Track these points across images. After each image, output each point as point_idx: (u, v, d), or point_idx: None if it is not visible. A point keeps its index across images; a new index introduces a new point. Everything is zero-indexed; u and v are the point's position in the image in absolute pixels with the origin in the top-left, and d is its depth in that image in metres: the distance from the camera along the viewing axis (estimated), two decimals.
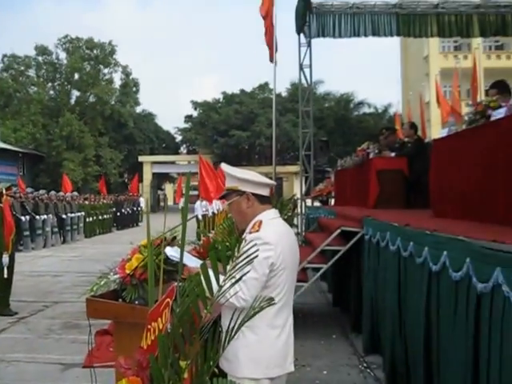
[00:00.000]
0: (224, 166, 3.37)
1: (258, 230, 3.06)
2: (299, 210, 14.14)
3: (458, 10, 14.04)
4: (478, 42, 35.60)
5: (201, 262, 3.51)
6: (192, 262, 3.34)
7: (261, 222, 3.11)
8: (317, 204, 15.94)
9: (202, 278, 2.14)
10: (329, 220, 9.71)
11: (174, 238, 3.63)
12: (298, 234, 12.80)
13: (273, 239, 3.02)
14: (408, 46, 51.15)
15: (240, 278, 2.28)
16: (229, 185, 3.30)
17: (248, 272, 2.44)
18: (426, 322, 4.34)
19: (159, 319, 2.35)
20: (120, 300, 3.38)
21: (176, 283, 2.45)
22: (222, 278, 2.29)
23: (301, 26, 13.91)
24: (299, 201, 14.56)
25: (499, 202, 4.75)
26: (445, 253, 3.82)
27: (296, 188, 27.23)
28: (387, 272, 5.71)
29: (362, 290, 7.12)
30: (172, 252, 3.32)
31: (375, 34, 14.15)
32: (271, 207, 3.30)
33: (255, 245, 2.88)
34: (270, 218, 3.19)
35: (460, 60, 36.36)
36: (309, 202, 15.56)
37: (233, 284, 2.24)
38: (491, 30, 14.18)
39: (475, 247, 3.33)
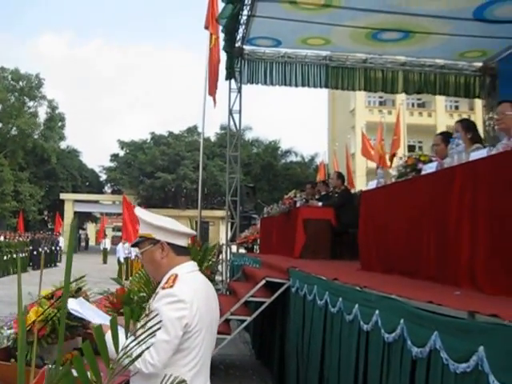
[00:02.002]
0: (138, 211, 3.03)
1: (171, 286, 2.74)
2: (224, 256, 13.89)
3: (384, 65, 14.41)
4: (402, 98, 36.76)
5: (109, 317, 3.17)
6: (98, 318, 3.00)
7: (176, 277, 2.79)
8: (242, 251, 15.70)
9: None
10: (254, 269, 9.48)
11: (79, 289, 3.29)
12: (222, 281, 12.52)
13: (188, 296, 2.70)
14: (336, 98, 52.52)
15: (140, 355, 1.94)
16: (142, 232, 2.96)
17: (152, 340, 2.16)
18: (354, 383, 4.13)
19: None
20: (12, 360, 2.99)
21: (47, 366, 2.09)
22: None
23: (230, 73, 13.93)
24: (224, 247, 14.31)
25: (430, 258, 4.65)
26: (377, 312, 3.65)
27: (222, 233, 26.97)
28: (314, 327, 5.51)
29: (287, 345, 6.88)
30: (74, 305, 2.97)
31: (304, 84, 14.31)
32: (189, 259, 2.99)
33: (167, 303, 2.61)
34: (187, 272, 2.87)
35: (385, 115, 37.45)
36: (234, 248, 15.33)
37: (132, 360, 1.88)
38: (414, 88, 14.60)
39: (410, 308, 3.16)
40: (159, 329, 2.05)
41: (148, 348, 2.25)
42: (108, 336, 1.82)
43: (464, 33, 11.64)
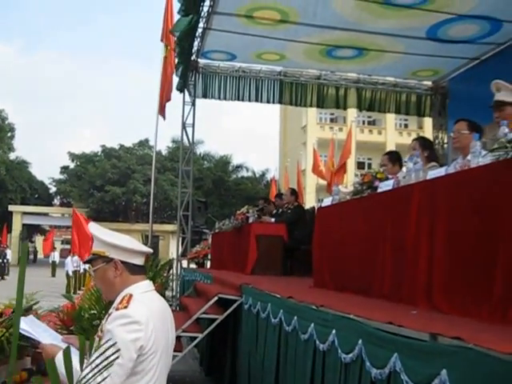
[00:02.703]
0: (92, 227, 2.90)
1: (126, 306, 2.62)
2: (175, 271, 13.71)
3: (338, 82, 14.52)
4: (353, 115, 37.29)
5: (59, 336, 3.03)
6: (49, 337, 2.84)
7: (130, 297, 2.67)
8: (193, 266, 15.53)
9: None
10: (206, 285, 9.34)
11: (30, 307, 3.12)
12: (172, 297, 12.34)
13: (143, 317, 2.58)
14: (287, 114, 52.93)
15: None
16: (95, 249, 2.83)
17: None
18: None
19: None
20: None
21: None
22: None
23: (183, 86, 13.86)
24: (175, 262, 14.14)
25: (385, 276, 4.62)
26: (333, 331, 3.56)
27: (172, 247, 26.75)
28: (268, 345, 5.40)
29: (238, 362, 6.76)
30: (23, 324, 2.81)
31: (258, 99, 14.32)
32: (145, 278, 2.87)
33: (121, 325, 2.49)
34: (142, 292, 2.76)
35: (336, 132, 37.91)
36: (185, 263, 15.15)
37: None
38: (366, 105, 14.76)
39: (368, 328, 3.08)
40: (117, 358, 1.94)
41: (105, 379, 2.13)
42: (60, 361, 1.71)
43: (417, 51, 11.84)
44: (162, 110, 13.07)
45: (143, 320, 2.58)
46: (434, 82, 14.34)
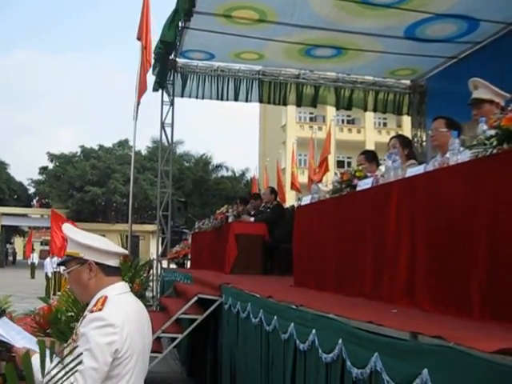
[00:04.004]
0: (65, 228, 2.84)
1: (100, 309, 2.56)
2: (155, 271, 13.62)
3: (317, 81, 14.53)
4: (332, 114, 37.31)
5: (34, 339, 2.96)
6: (22, 340, 2.79)
7: (105, 299, 2.62)
8: (173, 266, 15.45)
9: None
10: (185, 285, 9.29)
11: (3, 311, 3.06)
12: (152, 297, 12.26)
13: (118, 320, 2.53)
14: (267, 114, 52.85)
15: None
16: (69, 250, 2.77)
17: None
18: None
19: None
20: None
21: None
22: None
23: (161, 85, 13.77)
24: (155, 262, 14.05)
25: (366, 275, 4.60)
26: (313, 331, 3.53)
27: (153, 247, 26.62)
28: (249, 345, 5.37)
29: (220, 362, 6.73)
30: None
31: (237, 98, 14.28)
32: (120, 280, 2.81)
33: (96, 328, 2.44)
34: (117, 294, 2.70)
35: (315, 131, 37.94)
36: (165, 263, 15.06)
37: None
38: (344, 104, 14.78)
39: (348, 328, 3.06)
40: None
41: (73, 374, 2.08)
42: (35, 362, 1.67)
43: (395, 51, 11.90)
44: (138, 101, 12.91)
45: (118, 323, 2.53)
46: (412, 81, 14.40)
